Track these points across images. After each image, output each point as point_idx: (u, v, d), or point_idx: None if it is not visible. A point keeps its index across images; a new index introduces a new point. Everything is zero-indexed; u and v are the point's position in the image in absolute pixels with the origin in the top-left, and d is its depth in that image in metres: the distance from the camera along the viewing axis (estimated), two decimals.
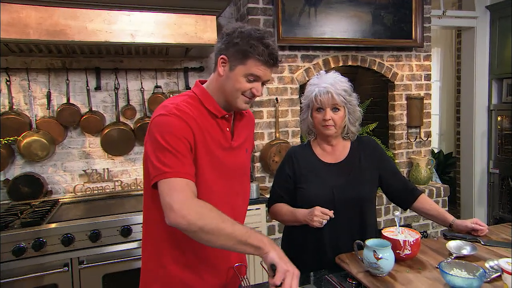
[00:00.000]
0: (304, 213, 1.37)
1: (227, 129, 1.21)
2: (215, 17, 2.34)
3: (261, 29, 1.15)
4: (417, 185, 3.05)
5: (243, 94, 1.15)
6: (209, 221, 1.00)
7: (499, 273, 1.08)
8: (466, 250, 1.29)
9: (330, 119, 1.40)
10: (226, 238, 1.01)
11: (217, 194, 1.18)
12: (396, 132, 3.13)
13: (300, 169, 1.47)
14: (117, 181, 2.70)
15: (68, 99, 2.55)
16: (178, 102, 1.14)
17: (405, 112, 3.13)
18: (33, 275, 1.91)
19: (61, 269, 1.96)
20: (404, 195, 1.54)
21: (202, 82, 1.25)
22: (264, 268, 1.02)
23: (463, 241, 1.35)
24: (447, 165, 4.83)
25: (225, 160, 1.20)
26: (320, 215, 1.30)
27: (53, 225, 1.99)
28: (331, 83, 1.40)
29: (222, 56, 1.14)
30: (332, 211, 1.32)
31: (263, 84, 1.18)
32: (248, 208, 2.37)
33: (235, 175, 1.24)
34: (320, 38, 2.75)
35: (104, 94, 2.66)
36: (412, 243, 1.23)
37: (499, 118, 3.76)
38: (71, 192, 2.61)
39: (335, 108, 1.41)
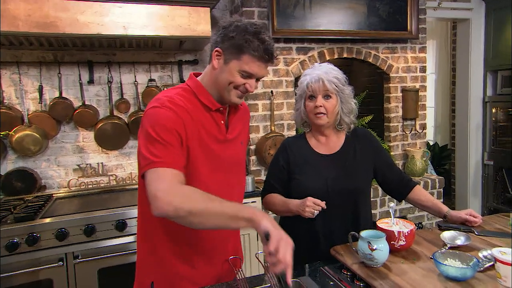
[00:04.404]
0: (296, 203, 1.36)
1: (222, 121, 1.21)
2: (208, 9, 2.31)
3: (258, 24, 1.13)
4: (412, 177, 3.03)
5: (236, 89, 1.14)
6: (197, 204, 0.99)
7: (492, 263, 1.08)
8: (460, 240, 1.29)
9: (321, 106, 1.39)
10: (217, 216, 1.00)
11: (212, 187, 1.17)
12: (391, 124, 3.13)
13: (294, 160, 1.47)
14: (111, 175, 2.68)
15: (60, 93, 2.52)
16: (172, 95, 1.14)
17: (400, 105, 3.12)
18: (28, 270, 1.90)
19: (56, 264, 1.95)
20: (399, 186, 1.54)
21: (197, 75, 1.24)
22: (259, 261, 1.02)
23: (457, 231, 1.35)
24: (442, 157, 4.85)
25: (220, 153, 1.19)
26: (312, 206, 1.30)
27: (46, 220, 1.97)
28: (323, 71, 1.40)
29: (217, 49, 1.13)
30: (324, 202, 1.31)
31: (258, 80, 1.16)
32: (244, 201, 2.39)
33: (230, 167, 1.23)
34: (315, 30, 2.73)
35: (97, 87, 2.63)
36: (406, 234, 1.23)
37: (494, 110, 3.77)
38: (65, 187, 2.59)
39: (326, 96, 1.40)
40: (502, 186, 3.69)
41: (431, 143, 5.08)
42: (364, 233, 1.19)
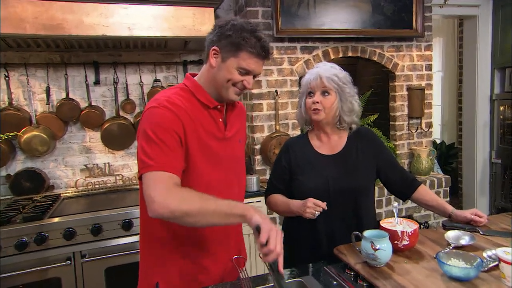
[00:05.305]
0: (297, 204, 1.37)
1: (220, 119, 1.22)
2: (213, 9, 2.32)
3: (253, 23, 1.17)
4: (418, 176, 3.05)
5: (234, 86, 1.16)
6: (193, 204, 1.03)
7: (496, 263, 1.08)
8: (465, 240, 1.28)
9: (318, 102, 1.40)
10: (212, 215, 1.04)
11: (212, 185, 1.19)
12: (397, 123, 3.11)
13: (296, 160, 1.47)
14: (118, 175, 2.71)
15: (67, 94, 2.55)
16: (170, 95, 1.15)
17: (406, 103, 3.10)
18: (36, 269, 1.93)
19: (64, 263, 1.98)
20: (403, 186, 1.53)
21: (193, 75, 1.26)
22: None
23: (461, 231, 1.34)
24: (450, 156, 4.81)
25: (219, 150, 1.20)
26: (313, 207, 1.30)
27: (54, 220, 2.00)
28: (323, 69, 1.42)
29: (214, 47, 1.15)
30: (325, 203, 1.31)
31: (254, 76, 1.19)
32: (249, 201, 2.41)
33: (229, 165, 1.25)
34: (320, 29, 2.72)
35: (103, 88, 2.66)
36: (410, 233, 1.23)
37: (501, 108, 3.73)
38: (73, 187, 2.62)
39: (325, 92, 1.41)
40: (510, 184, 3.64)
41: (438, 141, 5.04)
42: (367, 233, 1.19)
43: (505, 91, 3.71)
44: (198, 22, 2.28)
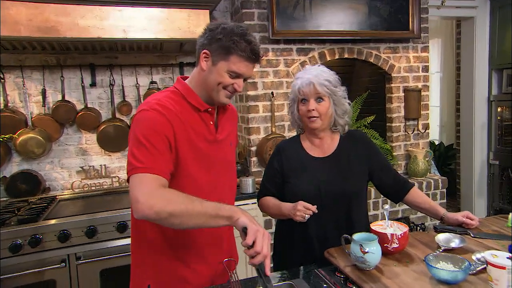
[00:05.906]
0: (288, 207, 1.37)
1: (211, 122, 1.23)
2: (208, 11, 2.33)
3: (243, 26, 1.17)
4: (415, 178, 3.05)
5: (225, 89, 1.17)
6: (178, 205, 1.02)
7: (485, 265, 1.08)
8: (455, 243, 1.28)
9: (314, 110, 1.39)
10: (198, 216, 1.02)
11: (204, 187, 1.19)
12: (393, 124, 3.11)
13: (288, 164, 1.47)
14: (114, 177, 2.71)
15: (63, 96, 2.56)
16: (160, 98, 1.16)
17: (402, 105, 3.10)
18: (31, 271, 1.93)
19: (59, 265, 1.98)
20: (395, 189, 1.53)
21: (184, 78, 1.26)
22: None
23: (452, 233, 1.34)
24: (448, 157, 4.81)
25: (210, 153, 1.21)
26: (303, 210, 1.30)
27: (49, 222, 2.00)
28: (314, 75, 1.40)
29: (204, 51, 1.15)
30: (315, 206, 1.31)
31: (245, 79, 1.19)
32: (245, 203, 2.40)
33: (221, 168, 1.25)
34: (316, 31, 2.72)
35: (100, 90, 2.67)
36: (399, 236, 1.23)
37: (499, 109, 3.72)
38: (69, 189, 2.62)
39: (319, 98, 1.40)
40: (508, 186, 3.64)
41: (437, 142, 5.03)
42: (356, 236, 1.19)
43: (503, 93, 3.71)
44: (193, 24, 2.29)
